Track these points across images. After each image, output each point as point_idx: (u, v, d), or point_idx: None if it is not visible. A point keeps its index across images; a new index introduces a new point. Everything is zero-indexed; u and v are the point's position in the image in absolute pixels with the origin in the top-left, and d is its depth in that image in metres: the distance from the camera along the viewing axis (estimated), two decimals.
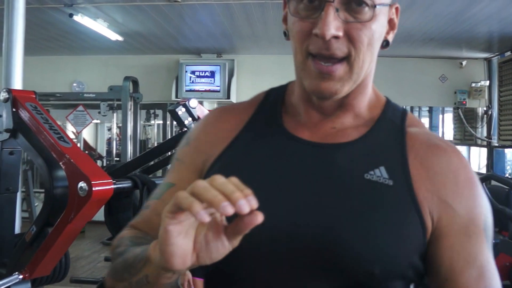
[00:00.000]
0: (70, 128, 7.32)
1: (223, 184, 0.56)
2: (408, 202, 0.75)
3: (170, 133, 7.64)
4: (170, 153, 3.60)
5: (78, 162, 1.80)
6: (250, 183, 0.58)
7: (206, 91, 6.83)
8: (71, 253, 3.03)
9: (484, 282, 0.74)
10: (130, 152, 6.24)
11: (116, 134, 8.02)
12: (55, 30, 5.77)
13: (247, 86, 7.20)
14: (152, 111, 9.85)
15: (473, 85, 6.66)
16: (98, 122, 9.85)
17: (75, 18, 4.98)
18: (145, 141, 9.79)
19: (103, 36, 5.72)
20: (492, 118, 6.63)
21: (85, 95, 6.49)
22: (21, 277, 1.89)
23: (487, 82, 6.66)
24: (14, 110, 2.01)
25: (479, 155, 7.37)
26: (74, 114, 6.60)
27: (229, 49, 6.94)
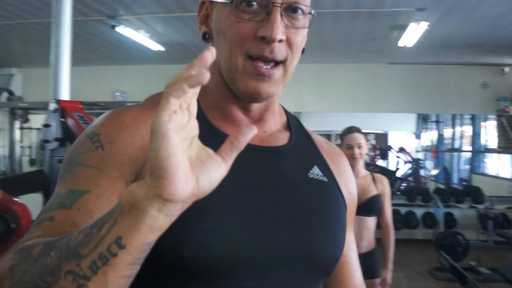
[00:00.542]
0: None
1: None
2: (340, 196, 0.87)
3: None
4: None
5: None
6: (221, 194, 0.58)
7: None
8: None
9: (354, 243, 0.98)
10: None
11: None
12: (99, 41, 5.98)
13: (286, 95, 7.15)
14: None
15: None
16: None
17: (118, 29, 5.14)
18: None
19: (145, 46, 5.87)
20: None
21: (127, 104, 6.65)
22: None
23: None
24: (62, 120, 2.08)
25: None
26: None
27: None
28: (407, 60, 6.86)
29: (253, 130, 0.52)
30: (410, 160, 10.13)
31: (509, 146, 6.98)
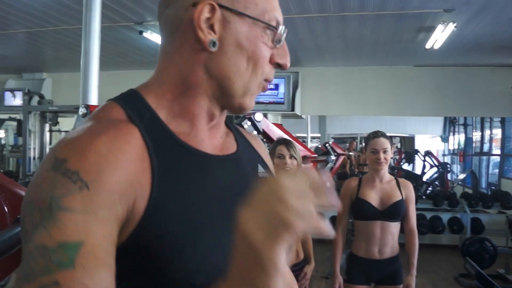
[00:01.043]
0: None
1: (304, 194, 0.54)
2: None
3: None
4: None
5: None
6: (214, 211, 0.68)
7: (270, 103, 6.91)
8: None
9: None
10: None
11: None
12: (126, 46, 6.10)
13: (311, 98, 7.22)
14: None
15: None
16: None
17: (145, 34, 5.24)
18: None
19: None
20: None
21: None
22: None
23: None
24: None
25: None
26: None
27: (293, 61, 6.93)
28: (434, 62, 6.77)
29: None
30: (436, 164, 9.97)
31: None
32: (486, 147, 10.82)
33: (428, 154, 10.15)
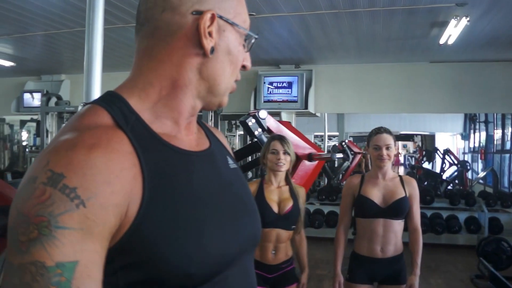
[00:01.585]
0: None
1: None
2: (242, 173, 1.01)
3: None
4: (242, 161, 3.65)
5: None
6: (207, 205, 0.78)
7: (283, 102, 6.89)
8: None
9: None
10: None
11: None
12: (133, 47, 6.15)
13: (325, 96, 7.16)
14: (233, 122, 10.08)
15: None
16: None
17: None
18: None
19: None
20: None
21: None
22: None
23: None
24: None
25: None
26: None
27: (307, 59, 6.96)
28: (450, 58, 6.63)
29: None
30: (455, 162, 9.80)
31: None
32: (508, 145, 10.57)
33: (447, 152, 9.99)
